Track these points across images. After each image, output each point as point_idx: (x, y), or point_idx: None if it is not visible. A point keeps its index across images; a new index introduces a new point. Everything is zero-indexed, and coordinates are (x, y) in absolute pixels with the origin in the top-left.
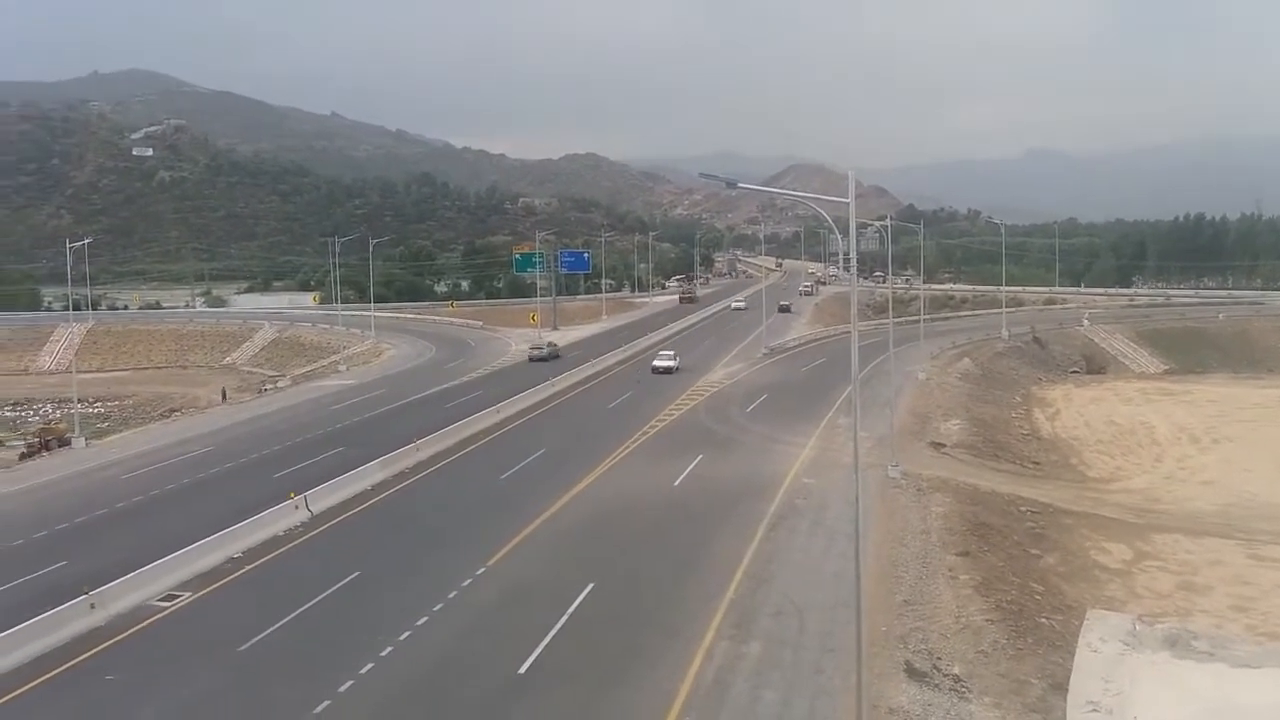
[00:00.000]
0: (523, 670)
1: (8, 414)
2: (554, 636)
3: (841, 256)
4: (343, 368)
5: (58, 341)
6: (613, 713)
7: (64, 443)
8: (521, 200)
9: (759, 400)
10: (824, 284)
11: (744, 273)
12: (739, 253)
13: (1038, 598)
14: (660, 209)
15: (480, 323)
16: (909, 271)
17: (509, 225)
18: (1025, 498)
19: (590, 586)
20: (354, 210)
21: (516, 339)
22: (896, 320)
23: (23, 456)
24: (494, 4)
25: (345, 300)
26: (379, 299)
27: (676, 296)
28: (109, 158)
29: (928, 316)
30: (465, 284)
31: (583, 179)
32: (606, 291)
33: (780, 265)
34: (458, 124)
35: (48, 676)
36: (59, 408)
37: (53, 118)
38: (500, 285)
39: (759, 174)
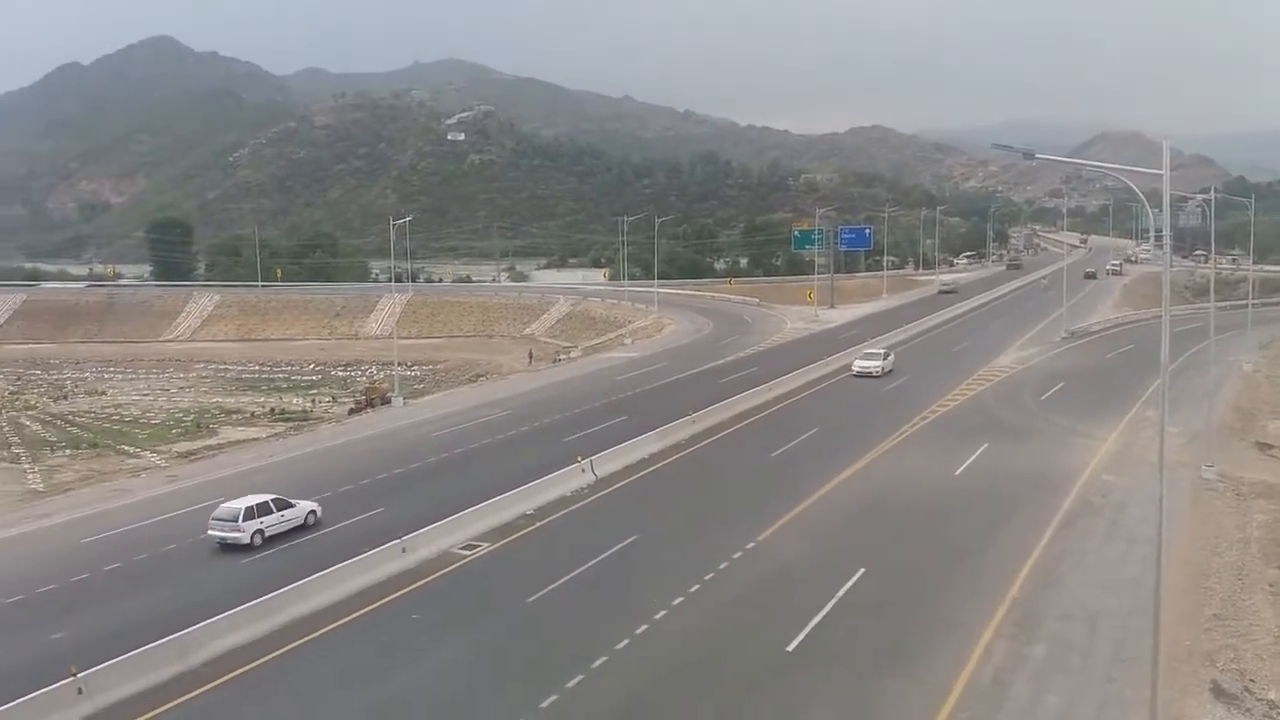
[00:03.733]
0: (791, 648)
1: (340, 374)
2: (823, 618)
3: (1154, 233)
4: (627, 341)
5: (382, 310)
6: (883, 701)
7: (385, 401)
8: (803, 176)
9: (1055, 388)
10: (1133, 262)
11: (1039, 247)
12: (1037, 228)
13: None
14: (950, 182)
15: (756, 300)
16: (1236, 251)
17: (790, 202)
18: None
19: (861, 571)
20: (642, 190)
21: (792, 316)
22: (1219, 304)
23: (351, 412)
24: None
25: (632, 277)
26: (662, 276)
27: (1004, 265)
28: (427, 142)
29: (1257, 301)
30: (744, 261)
31: (867, 153)
32: (888, 269)
33: (1085, 242)
34: (742, 102)
35: (366, 610)
36: (381, 369)
37: (380, 106)
38: (779, 262)
39: (1063, 143)
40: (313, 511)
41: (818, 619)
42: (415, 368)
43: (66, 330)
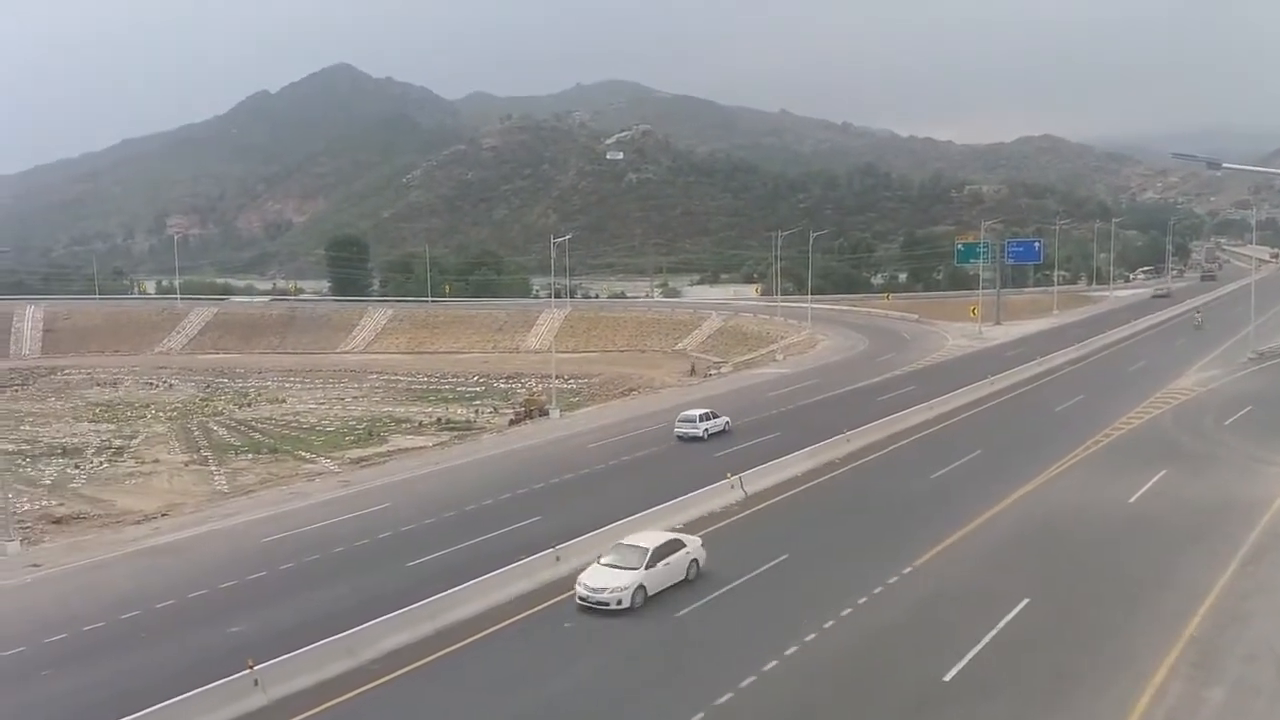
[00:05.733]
0: (947, 678)
1: (501, 386)
2: (982, 648)
3: None
4: (779, 357)
5: (541, 325)
6: None
7: (543, 413)
8: (967, 188)
9: (1241, 412)
10: None
11: (1222, 261)
12: (1222, 241)
13: None
14: (1127, 193)
15: (915, 315)
16: None
17: (953, 214)
18: None
19: (1025, 601)
20: (797, 204)
21: (954, 333)
22: None
23: (511, 423)
24: None
25: (784, 292)
26: (816, 291)
27: (1199, 275)
28: (587, 162)
29: None
30: (903, 276)
31: (1036, 163)
32: (1059, 284)
33: (1276, 256)
34: (903, 113)
35: (522, 615)
36: (540, 382)
37: (543, 128)
38: (940, 277)
39: (1251, 151)
40: (727, 420)
41: (977, 649)
42: (571, 381)
43: (252, 341)
